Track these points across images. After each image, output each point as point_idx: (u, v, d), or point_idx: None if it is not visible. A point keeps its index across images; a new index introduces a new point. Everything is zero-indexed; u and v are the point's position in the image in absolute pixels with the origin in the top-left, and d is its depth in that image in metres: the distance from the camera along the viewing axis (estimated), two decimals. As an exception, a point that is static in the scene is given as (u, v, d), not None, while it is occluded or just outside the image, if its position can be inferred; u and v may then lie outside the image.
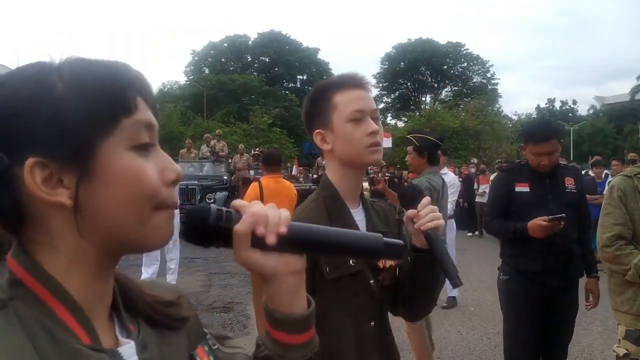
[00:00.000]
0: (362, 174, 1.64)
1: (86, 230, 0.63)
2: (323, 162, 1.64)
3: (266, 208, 0.71)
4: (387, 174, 15.30)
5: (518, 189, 3.16)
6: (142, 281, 0.78)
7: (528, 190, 3.14)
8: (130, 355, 0.66)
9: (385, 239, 0.76)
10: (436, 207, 1.44)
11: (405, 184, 16.84)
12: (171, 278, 7.46)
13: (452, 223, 6.82)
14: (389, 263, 1.58)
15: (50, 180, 0.60)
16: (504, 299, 3.31)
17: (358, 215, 1.61)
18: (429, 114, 33.11)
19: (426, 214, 1.40)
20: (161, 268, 7.65)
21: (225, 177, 14.98)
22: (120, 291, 0.72)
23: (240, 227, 0.68)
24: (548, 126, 3.19)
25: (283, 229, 0.70)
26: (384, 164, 15.51)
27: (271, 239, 0.69)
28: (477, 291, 7.43)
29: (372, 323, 1.55)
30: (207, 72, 50.67)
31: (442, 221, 1.41)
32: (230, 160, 15.95)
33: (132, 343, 0.68)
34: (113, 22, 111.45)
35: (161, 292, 0.78)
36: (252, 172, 14.50)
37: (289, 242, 0.72)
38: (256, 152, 16.85)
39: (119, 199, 0.62)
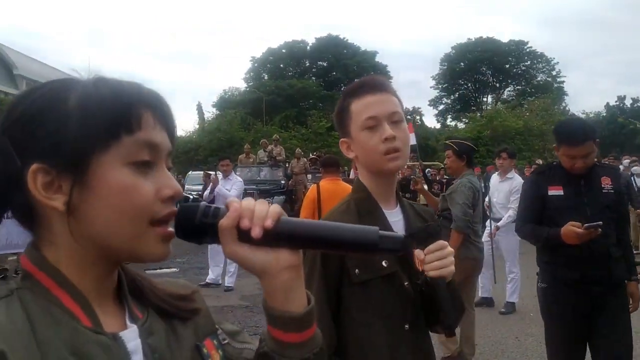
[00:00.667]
0: (394, 177, 1.61)
1: (78, 235, 0.68)
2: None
3: (255, 203, 0.72)
4: (444, 177, 15.01)
5: (551, 192, 3.01)
6: (155, 279, 0.83)
7: (562, 193, 2.99)
8: (132, 339, 0.71)
9: (381, 232, 0.73)
10: (448, 251, 1.38)
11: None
12: (230, 280, 7.67)
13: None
14: None
15: (52, 185, 0.67)
16: (543, 308, 3.19)
17: (394, 216, 1.57)
18: (490, 115, 32.22)
19: (431, 261, 1.35)
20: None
21: (283, 181, 15.20)
22: (130, 285, 0.77)
23: (224, 221, 0.71)
24: (582, 127, 2.97)
25: (268, 222, 0.70)
26: (442, 166, 15.21)
27: (256, 232, 0.70)
28: (537, 297, 7.17)
29: (407, 326, 1.49)
30: (266, 78, 51.56)
31: (447, 269, 1.36)
32: (287, 165, 16.17)
33: (135, 327, 0.73)
34: (177, 28, 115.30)
35: (175, 288, 0.83)
36: (309, 176, 14.62)
37: (279, 237, 0.71)
38: (313, 156, 16.97)
39: (111, 210, 0.67)
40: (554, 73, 53.45)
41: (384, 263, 1.47)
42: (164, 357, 0.73)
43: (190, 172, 21.00)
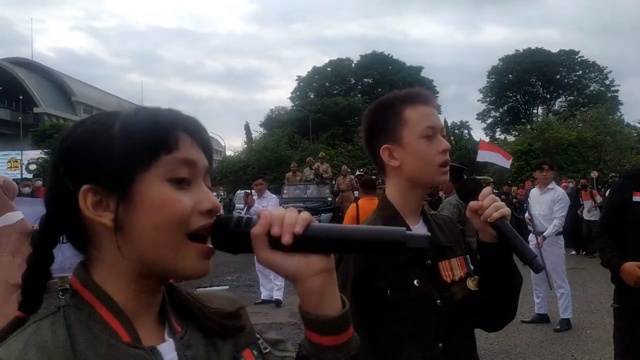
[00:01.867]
0: (426, 192, 1.60)
1: (125, 249, 0.74)
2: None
3: (284, 211, 0.76)
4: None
5: (636, 198, 2.74)
6: (202, 293, 0.88)
7: None
8: (169, 352, 0.76)
9: (408, 231, 0.75)
10: (497, 198, 1.36)
11: (514, 200, 16.12)
12: (278, 294, 7.83)
13: (561, 239, 6.54)
14: (458, 276, 1.51)
15: (101, 204, 0.74)
16: (615, 330, 2.96)
17: (419, 230, 1.55)
18: (541, 127, 31.34)
19: (489, 204, 1.32)
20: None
21: (330, 199, 15.26)
22: (177, 303, 0.82)
23: (255, 229, 0.74)
24: None
25: (298, 229, 0.73)
26: (491, 180, 14.92)
27: (287, 239, 0.73)
28: (595, 313, 6.93)
29: (440, 345, 1.46)
30: (312, 96, 52.15)
31: (507, 209, 1.33)
32: (334, 182, 16.23)
33: (171, 341, 0.78)
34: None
35: (222, 303, 0.87)
36: (356, 193, 14.62)
37: (309, 242, 0.74)
38: (360, 172, 16.97)
39: (152, 222, 0.73)
40: (607, 82, 51.80)
41: (415, 282, 1.46)
42: None
43: (239, 191, 21.39)
